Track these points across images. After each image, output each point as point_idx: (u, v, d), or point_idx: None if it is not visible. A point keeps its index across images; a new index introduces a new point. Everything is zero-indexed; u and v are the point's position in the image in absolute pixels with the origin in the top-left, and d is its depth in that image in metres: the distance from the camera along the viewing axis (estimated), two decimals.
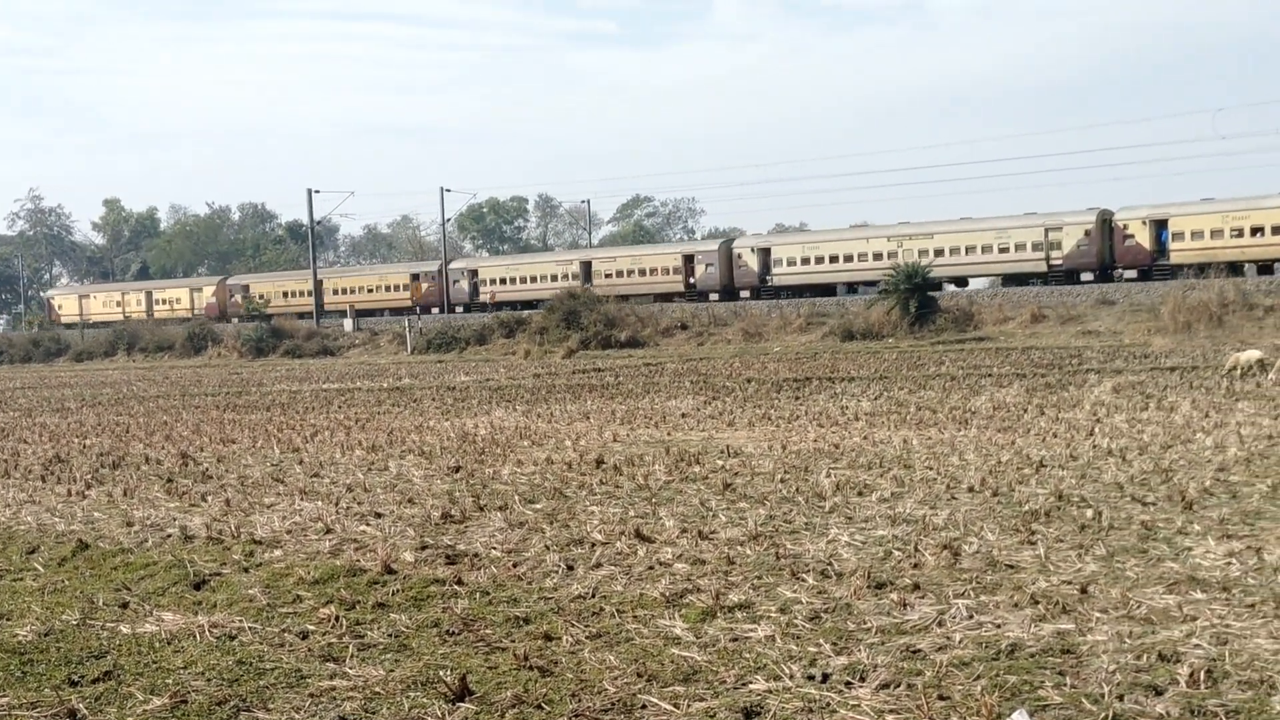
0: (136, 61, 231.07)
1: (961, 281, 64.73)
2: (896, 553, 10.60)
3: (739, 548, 11.05)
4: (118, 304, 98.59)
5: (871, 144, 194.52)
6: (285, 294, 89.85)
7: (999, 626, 8.18)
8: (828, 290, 67.85)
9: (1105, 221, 60.51)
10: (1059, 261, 61.26)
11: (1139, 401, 23.14)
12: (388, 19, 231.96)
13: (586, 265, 76.78)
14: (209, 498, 15.53)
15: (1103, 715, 6.48)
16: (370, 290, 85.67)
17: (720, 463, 16.91)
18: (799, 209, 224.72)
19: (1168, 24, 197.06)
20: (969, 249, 62.83)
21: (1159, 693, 6.77)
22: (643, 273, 74.56)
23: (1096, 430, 18.77)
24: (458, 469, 17.32)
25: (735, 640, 8.17)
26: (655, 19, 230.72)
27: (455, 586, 10.05)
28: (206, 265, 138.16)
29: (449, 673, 7.66)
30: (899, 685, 7.12)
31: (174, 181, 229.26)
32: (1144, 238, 59.25)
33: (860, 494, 13.80)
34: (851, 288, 68.79)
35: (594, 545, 11.45)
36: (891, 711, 6.72)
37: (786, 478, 15.22)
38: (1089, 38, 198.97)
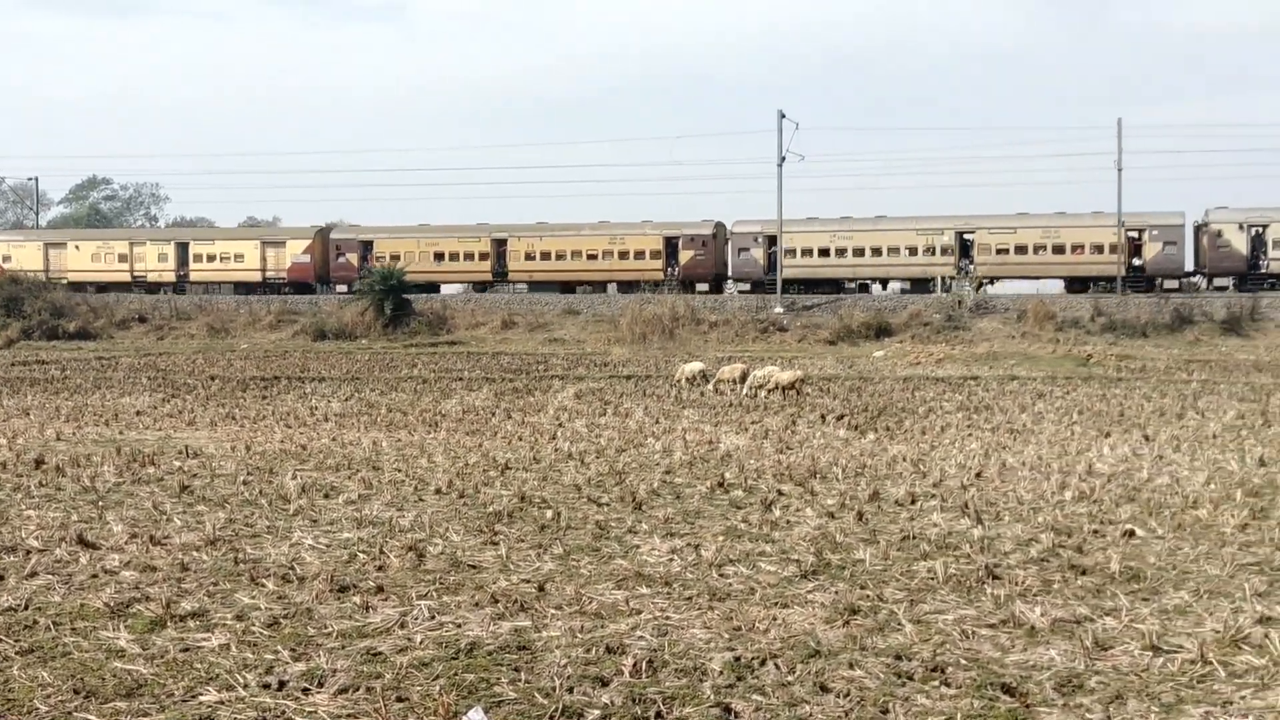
0: None
1: None
2: (362, 555, 10.50)
3: (195, 553, 10.49)
4: (121, 259, 69.08)
5: (352, 142, 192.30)
6: (454, 255, 64.64)
7: (460, 626, 8.30)
8: None
9: None
10: None
11: (598, 407, 24.48)
12: None
13: (962, 236, 59.50)
14: None
15: (553, 708, 6.72)
16: (592, 257, 63.18)
17: (178, 464, 16.04)
18: (271, 203, 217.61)
19: (638, 54, 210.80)
20: None
21: (605, 683, 7.13)
22: (1058, 250, 57.85)
23: (559, 434, 19.64)
24: None
25: (186, 650, 7.72)
26: None
27: None
28: None
29: None
30: (358, 689, 7.02)
31: None
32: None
33: (327, 496, 13.57)
34: None
35: (29, 553, 10.43)
36: (349, 716, 6.62)
37: (250, 479, 14.69)
38: (565, 58, 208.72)
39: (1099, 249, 57.14)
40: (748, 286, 62.58)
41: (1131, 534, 11.38)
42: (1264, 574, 9.80)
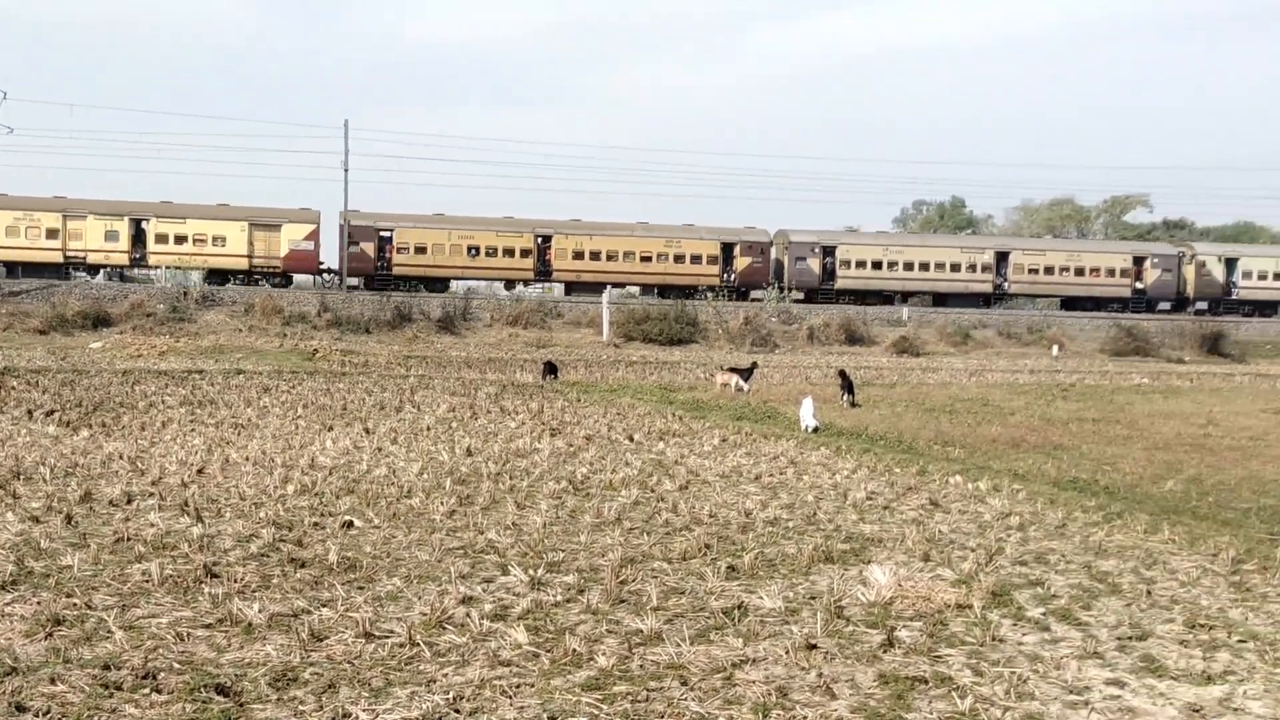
0: None
1: None
2: None
3: None
4: (50, 234, 58.98)
5: None
6: (491, 250, 62.05)
7: None
8: None
9: None
10: None
11: None
12: None
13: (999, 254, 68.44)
14: None
15: None
16: (645, 259, 63.35)
17: None
18: None
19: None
20: None
21: None
22: (1079, 272, 66.62)
23: None
24: None
25: None
26: None
27: None
28: None
29: None
30: None
31: None
32: None
33: None
34: None
35: None
36: None
37: None
38: None
39: (1112, 273, 67.17)
40: (801, 295, 64.50)
41: (350, 525, 11.74)
42: (467, 556, 10.57)
